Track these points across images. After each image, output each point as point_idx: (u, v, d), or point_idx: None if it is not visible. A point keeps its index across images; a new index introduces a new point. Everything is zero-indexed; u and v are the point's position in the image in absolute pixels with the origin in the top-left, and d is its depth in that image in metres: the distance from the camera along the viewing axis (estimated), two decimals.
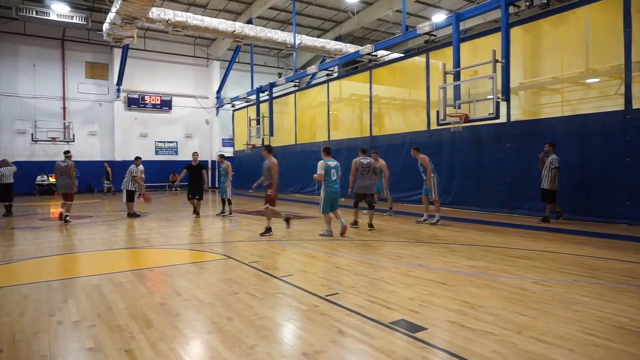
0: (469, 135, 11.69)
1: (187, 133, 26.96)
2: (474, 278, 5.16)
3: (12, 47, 21.93)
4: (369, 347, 3.19)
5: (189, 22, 17.91)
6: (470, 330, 3.49)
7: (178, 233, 9.37)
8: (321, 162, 8.35)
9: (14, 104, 22.00)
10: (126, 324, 3.73)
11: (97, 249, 7.58)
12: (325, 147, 8.73)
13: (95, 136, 24.26)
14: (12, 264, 6.46)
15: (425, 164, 9.81)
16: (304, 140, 19.33)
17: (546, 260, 6.11)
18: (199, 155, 12.64)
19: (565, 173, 9.25)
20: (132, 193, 12.10)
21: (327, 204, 8.40)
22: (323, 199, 8.41)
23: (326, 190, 8.37)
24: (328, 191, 8.36)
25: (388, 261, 6.18)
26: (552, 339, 3.28)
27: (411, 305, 4.15)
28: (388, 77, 15.25)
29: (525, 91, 11.39)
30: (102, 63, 24.50)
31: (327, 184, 8.36)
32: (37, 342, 3.40)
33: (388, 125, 15.31)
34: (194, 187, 11.86)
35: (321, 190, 8.52)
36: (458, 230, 9.16)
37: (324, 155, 8.53)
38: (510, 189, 10.66)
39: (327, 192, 8.37)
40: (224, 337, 3.42)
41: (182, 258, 6.97)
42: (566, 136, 9.56)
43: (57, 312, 4.11)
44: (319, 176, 8.32)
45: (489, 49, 10.34)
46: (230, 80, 26.86)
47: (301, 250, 7.13)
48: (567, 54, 9.98)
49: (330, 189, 8.36)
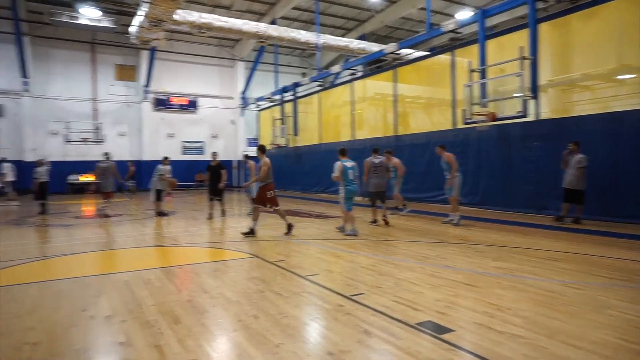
0: (495, 134, 11.47)
1: (213, 133, 27.35)
2: (501, 279, 5.07)
3: (45, 52, 22.70)
4: (394, 348, 3.18)
5: (214, 24, 18.17)
6: (499, 332, 3.44)
7: (204, 232, 9.53)
8: (337, 163, 8.56)
9: (47, 106, 22.77)
10: (155, 320, 3.82)
11: (126, 247, 7.78)
12: (341, 149, 9.00)
13: (124, 136, 24.87)
14: (47, 260, 6.71)
15: (450, 162, 9.66)
16: (328, 140, 19.34)
17: (576, 262, 5.94)
18: (218, 155, 12.41)
19: (593, 172, 8.97)
20: (160, 192, 12.36)
21: (349, 202, 8.62)
22: (343, 199, 8.64)
23: (345, 190, 8.58)
24: (347, 190, 8.58)
25: (414, 261, 6.13)
26: (585, 344, 3.19)
27: (437, 306, 4.11)
28: (412, 76, 15.10)
29: (554, 88, 11.09)
30: (130, 65, 25.11)
31: (345, 183, 8.56)
32: (71, 335, 3.52)
33: (413, 125, 15.16)
34: (214, 187, 11.70)
35: (339, 191, 8.72)
36: (484, 230, 9.00)
37: (340, 156, 8.76)
38: (537, 188, 10.40)
39: (345, 191, 8.58)
40: (250, 335, 3.46)
41: (209, 256, 7.09)
42: (597, 134, 9.26)
43: (90, 307, 4.24)
44: (336, 177, 8.54)
45: (515, 46, 10.12)
46: (255, 80, 27.12)
47: (326, 250, 7.14)
48: (599, 50, 9.66)
49: (348, 188, 8.57)
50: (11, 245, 7.78)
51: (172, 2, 14.72)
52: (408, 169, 13.82)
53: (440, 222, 10.13)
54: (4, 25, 20.81)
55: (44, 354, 3.17)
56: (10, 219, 11.83)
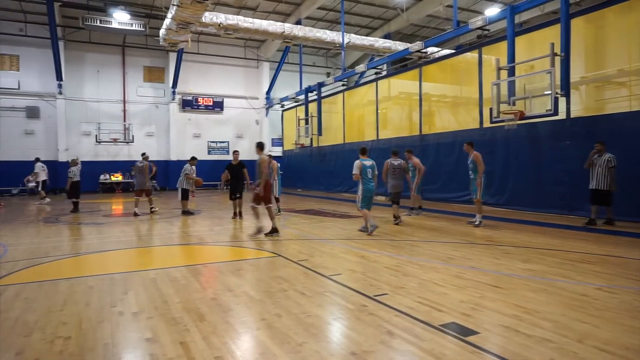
0: (524, 133, 11.18)
1: (238, 133, 27.66)
2: (530, 282, 4.93)
3: (78, 55, 23.46)
4: (418, 349, 3.14)
5: (240, 25, 18.39)
6: (526, 336, 3.35)
7: (229, 231, 9.65)
8: (357, 162, 8.64)
9: (80, 107, 23.53)
10: (181, 317, 3.89)
11: (153, 245, 7.96)
12: (362, 147, 9.18)
13: (152, 137, 25.43)
14: (79, 257, 6.93)
15: (478, 162, 9.50)
16: (352, 139, 19.28)
17: (610, 265, 5.73)
18: (239, 153, 12.34)
19: (628, 173, 8.62)
20: (187, 191, 12.62)
21: (365, 201, 8.70)
22: (360, 197, 8.73)
23: (363, 188, 8.66)
24: (364, 189, 8.66)
25: (438, 262, 6.05)
26: (617, 350, 3.07)
27: (462, 308, 4.04)
28: (438, 74, 14.89)
29: (586, 85, 10.73)
30: (158, 67, 25.66)
31: (363, 182, 8.64)
32: (101, 330, 3.62)
33: (438, 124, 14.95)
34: (235, 186, 11.62)
35: (358, 189, 8.80)
36: (512, 231, 8.79)
37: (360, 155, 8.86)
38: (569, 189, 10.08)
39: (363, 189, 8.66)
40: (273, 334, 3.48)
41: (233, 255, 7.17)
42: (632, 133, 8.91)
43: (118, 303, 4.35)
44: (355, 175, 8.61)
45: (546, 42, 9.84)
46: (280, 80, 27.29)
47: (350, 250, 7.12)
48: (636, 45, 9.28)
49: (366, 186, 8.65)
50: (43, 243, 8.07)
51: (199, 5, 14.97)
52: (433, 169, 13.67)
53: (465, 223, 9.96)
54: (40, 30, 21.62)
55: (75, 347, 3.28)
56: (42, 217, 12.27)
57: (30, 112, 22.12)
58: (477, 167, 9.50)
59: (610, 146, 8.69)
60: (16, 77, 21.96)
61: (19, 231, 9.51)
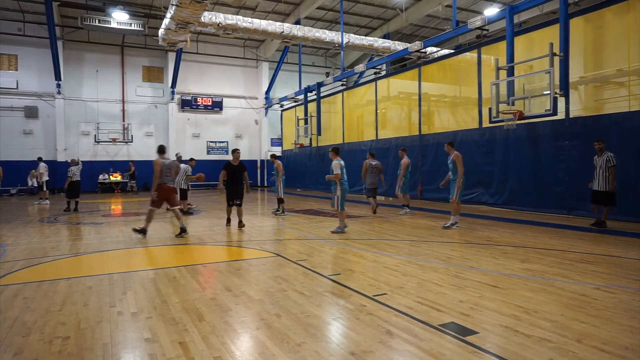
0: (524, 133, 11.19)
1: (237, 133, 27.66)
2: (529, 281, 4.94)
3: (77, 55, 23.45)
4: (417, 349, 3.14)
5: (239, 25, 18.38)
6: (525, 336, 3.35)
7: (229, 230, 9.63)
8: (337, 162, 8.65)
9: (79, 107, 23.51)
10: (180, 317, 3.89)
11: (152, 245, 7.95)
12: (336, 148, 9.13)
13: (151, 137, 25.41)
14: (78, 257, 6.91)
15: (458, 163, 9.22)
16: (351, 139, 19.29)
17: (609, 265, 5.74)
18: (240, 152, 10.59)
19: (626, 172, 8.61)
20: (185, 191, 12.60)
21: (344, 201, 8.81)
22: (340, 198, 8.78)
23: (342, 189, 8.76)
24: (343, 189, 8.79)
25: (437, 262, 6.05)
26: (616, 349, 3.08)
27: (461, 307, 4.04)
28: (438, 74, 14.90)
29: (585, 85, 10.75)
30: (157, 67, 25.65)
31: (342, 182, 8.75)
32: (100, 330, 3.62)
33: (438, 124, 14.96)
34: (233, 190, 9.97)
35: (337, 190, 8.83)
36: (511, 231, 8.80)
37: (334, 156, 8.86)
38: (568, 189, 10.09)
39: (342, 190, 8.77)
40: (273, 334, 3.48)
41: (232, 255, 7.17)
42: (631, 132, 8.92)
43: (117, 303, 4.35)
44: (335, 176, 8.67)
45: (545, 42, 9.85)
46: (279, 80, 27.29)
47: (349, 250, 7.12)
48: (635, 45, 9.29)
49: (345, 186, 8.82)
50: (42, 243, 8.06)
51: (198, 4, 14.96)
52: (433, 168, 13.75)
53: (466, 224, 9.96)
54: (39, 30, 21.61)
55: (74, 348, 3.27)
56: (42, 217, 12.25)
57: (28, 112, 22.12)
58: (456, 168, 9.24)
59: (609, 146, 8.69)
60: (14, 77, 21.95)
61: (18, 231, 9.49)
